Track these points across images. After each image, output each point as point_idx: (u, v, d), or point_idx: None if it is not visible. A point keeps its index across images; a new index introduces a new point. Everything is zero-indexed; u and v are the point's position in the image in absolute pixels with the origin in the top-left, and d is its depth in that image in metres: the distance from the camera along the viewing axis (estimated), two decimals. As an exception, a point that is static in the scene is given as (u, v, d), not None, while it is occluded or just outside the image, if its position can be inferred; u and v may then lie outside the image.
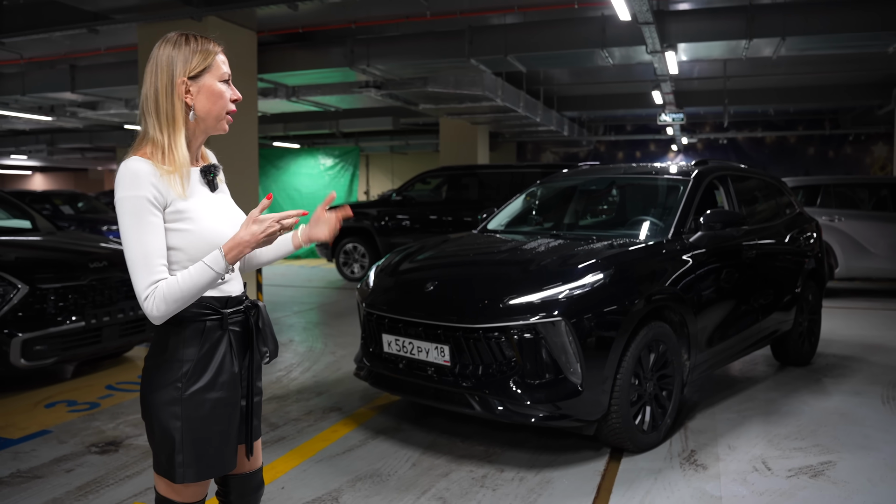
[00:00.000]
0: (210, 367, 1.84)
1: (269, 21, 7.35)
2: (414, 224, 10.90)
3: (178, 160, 1.79)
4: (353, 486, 3.48)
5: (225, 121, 1.90)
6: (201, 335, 1.84)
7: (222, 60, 1.89)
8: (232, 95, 1.90)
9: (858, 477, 3.57)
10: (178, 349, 1.83)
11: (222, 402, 1.86)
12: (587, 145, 22.21)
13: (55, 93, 10.72)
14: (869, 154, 19.97)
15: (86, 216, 14.12)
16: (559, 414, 3.59)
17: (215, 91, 1.85)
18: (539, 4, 7.51)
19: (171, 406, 1.82)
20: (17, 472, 3.67)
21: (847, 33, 6.90)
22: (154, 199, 1.74)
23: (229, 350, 1.87)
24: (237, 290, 1.94)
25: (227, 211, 1.93)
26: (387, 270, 4.43)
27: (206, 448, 1.85)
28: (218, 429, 1.86)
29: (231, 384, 1.88)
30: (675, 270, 4.15)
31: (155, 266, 1.73)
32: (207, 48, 1.86)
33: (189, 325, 1.83)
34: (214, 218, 1.85)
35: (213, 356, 1.84)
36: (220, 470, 1.90)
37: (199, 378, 1.83)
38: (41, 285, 4.97)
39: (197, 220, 1.80)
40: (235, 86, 1.93)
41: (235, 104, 1.91)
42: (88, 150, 22.75)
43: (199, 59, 1.84)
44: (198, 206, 1.83)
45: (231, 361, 1.87)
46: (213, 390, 1.84)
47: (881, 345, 6.61)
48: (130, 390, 5.21)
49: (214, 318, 1.86)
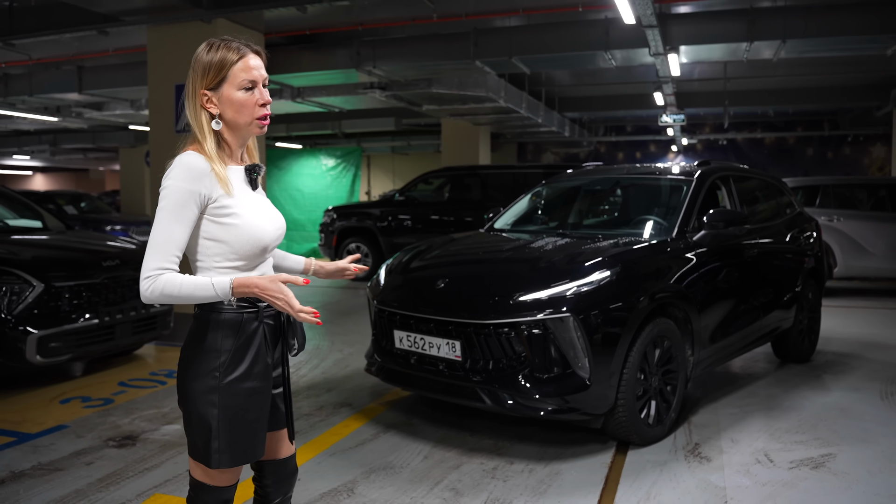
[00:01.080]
0: (246, 357, 1.92)
1: (276, 23, 7.45)
2: (416, 224, 10.99)
3: (215, 159, 1.89)
4: (367, 478, 3.57)
5: (255, 125, 1.94)
6: (238, 327, 1.92)
7: (242, 68, 1.89)
8: (259, 100, 1.92)
9: (858, 468, 3.68)
10: (216, 340, 1.91)
11: (257, 391, 1.94)
12: (587, 146, 22.31)
13: (62, 94, 10.80)
14: (867, 155, 20.09)
15: (89, 216, 14.20)
16: (567, 407, 3.69)
17: (235, 101, 1.89)
18: (543, 7, 7.61)
19: (208, 394, 1.91)
20: (39, 465, 3.76)
21: (846, 36, 7.01)
22: (199, 194, 1.85)
23: (264, 342, 1.95)
24: None
25: (267, 208, 2.02)
26: (398, 268, 4.52)
27: (240, 435, 1.93)
28: (252, 417, 1.94)
29: (264, 374, 1.96)
30: (679, 268, 4.25)
31: (169, 254, 1.82)
32: (225, 58, 1.88)
33: (227, 317, 1.92)
34: (257, 214, 1.94)
35: (249, 347, 1.92)
36: (252, 456, 1.97)
37: (235, 368, 1.91)
38: (56, 283, 5.06)
39: (242, 215, 1.89)
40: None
41: (267, 106, 1.94)
42: (91, 150, 22.83)
43: (214, 72, 1.88)
44: (242, 202, 1.92)
45: (265, 352, 1.96)
46: (248, 380, 1.92)
47: (879, 343, 6.72)
48: (143, 387, 5.31)
49: (251, 312, 1.94)
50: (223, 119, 1.92)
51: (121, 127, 17.18)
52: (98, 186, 32.28)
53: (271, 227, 1.96)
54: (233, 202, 1.89)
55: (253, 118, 1.92)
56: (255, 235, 1.91)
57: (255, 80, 1.91)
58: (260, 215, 1.95)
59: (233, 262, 1.92)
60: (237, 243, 1.90)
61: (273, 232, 1.98)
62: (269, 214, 1.99)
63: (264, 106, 1.92)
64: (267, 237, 1.95)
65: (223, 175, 1.88)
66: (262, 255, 1.98)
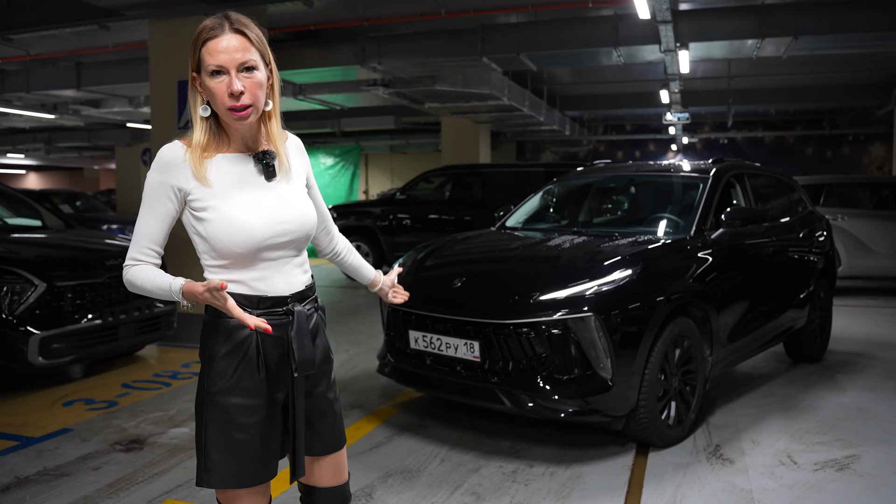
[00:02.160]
0: (230, 369, 1.73)
1: (281, 18, 7.34)
2: (417, 223, 10.89)
3: (198, 149, 1.71)
4: (384, 482, 3.48)
5: (231, 117, 1.67)
6: (228, 334, 1.73)
7: (208, 51, 1.65)
8: (226, 87, 1.65)
9: (884, 470, 3.60)
10: (208, 345, 1.76)
11: (246, 408, 1.73)
12: (587, 144, 22.25)
13: (59, 90, 10.66)
14: (867, 154, 20.08)
15: (85, 215, 14.05)
16: (589, 409, 3.60)
17: (206, 88, 1.67)
18: (553, 3, 7.52)
19: (200, 405, 1.78)
20: (45, 470, 3.65)
21: (857, 33, 6.95)
22: (170, 186, 1.70)
23: (257, 354, 1.74)
24: (279, 290, 1.77)
25: (273, 200, 1.75)
26: (411, 268, 4.43)
27: (228, 455, 1.73)
28: (241, 437, 1.73)
29: (255, 391, 1.74)
30: (698, 267, 4.17)
31: (142, 246, 1.73)
32: (197, 38, 1.68)
33: (218, 322, 1.74)
34: (242, 208, 1.70)
35: (236, 358, 1.73)
36: (248, 481, 1.75)
37: (219, 379, 1.73)
38: (58, 283, 4.96)
39: (218, 209, 1.69)
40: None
41: (239, 97, 1.65)
42: (86, 148, 22.65)
43: (192, 52, 1.69)
44: (224, 193, 1.70)
45: (257, 367, 1.74)
46: (233, 395, 1.73)
47: (889, 342, 6.66)
48: (147, 388, 5.20)
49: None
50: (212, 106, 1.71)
51: (117, 125, 17.02)
52: (93, 185, 32.05)
53: (260, 224, 1.69)
54: (208, 194, 1.69)
55: (224, 108, 1.66)
56: (233, 232, 1.67)
57: (223, 65, 1.64)
58: (246, 209, 1.69)
59: (217, 262, 1.73)
60: (214, 240, 1.69)
61: (265, 229, 1.70)
62: (269, 208, 1.72)
63: (233, 96, 1.64)
64: (253, 235, 1.68)
65: (197, 165, 1.68)
66: (257, 256, 1.72)
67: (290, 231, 1.75)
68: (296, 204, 1.78)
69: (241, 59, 1.65)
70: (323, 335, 1.90)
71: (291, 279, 1.80)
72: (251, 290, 1.74)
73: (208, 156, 1.72)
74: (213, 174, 1.70)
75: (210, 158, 1.72)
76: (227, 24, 1.67)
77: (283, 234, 1.74)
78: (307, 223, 1.80)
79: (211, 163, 1.72)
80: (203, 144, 1.70)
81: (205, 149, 1.71)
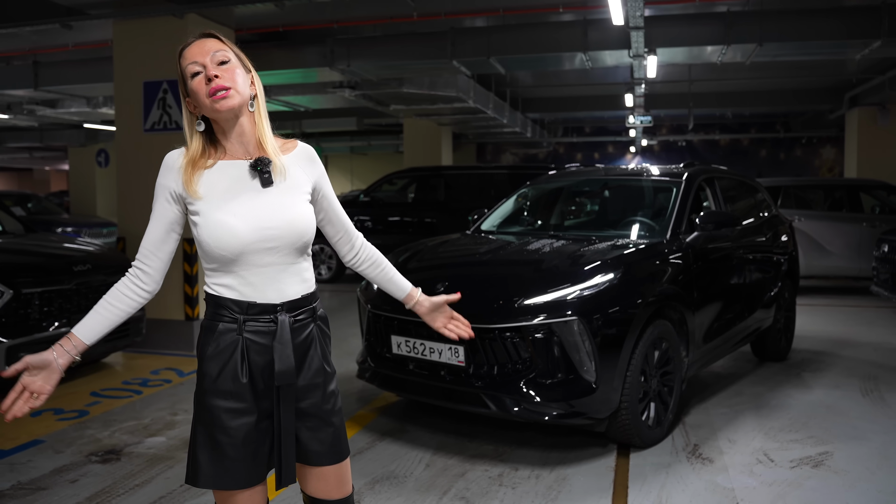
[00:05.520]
0: (215, 370, 1.77)
1: (249, 19, 7.24)
2: (380, 225, 10.85)
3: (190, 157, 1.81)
4: (372, 489, 3.47)
5: (214, 102, 1.74)
6: (215, 335, 1.79)
7: (185, 60, 1.79)
8: (203, 79, 1.76)
9: (857, 466, 3.72)
10: (200, 346, 1.83)
11: (229, 412, 1.76)
12: (547, 146, 22.46)
13: (14, 90, 10.33)
14: (818, 157, 20.71)
15: (37, 217, 13.65)
16: (573, 412, 3.64)
17: (193, 92, 1.78)
18: (524, 7, 7.59)
19: (194, 402, 1.85)
20: (19, 485, 3.55)
21: (818, 41, 7.18)
22: (169, 189, 1.81)
23: (241, 359, 1.77)
24: (268, 298, 1.80)
25: (262, 206, 1.78)
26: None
27: (211, 456, 1.78)
28: (224, 439, 1.76)
29: (239, 395, 1.77)
30: (674, 270, 4.26)
31: (143, 249, 1.84)
32: (178, 60, 1.80)
33: (211, 323, 1.80)
34: (228, 213, 1.75)
35: (221, 360, 1.77)
36: (231, 484, 1.78)
37: (203, 379, 1.79)
38: (25, 290, 4.81)
39: (205, 213, 1.76)
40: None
41: (214, 81, 1.74)
42: (38, 149, 21.99)
43: (179, 75, 1.82)
44: (213, 199, 1.77)
45: (241, 371, 1.76)
46: (216, 396, 1.77)
47: (849, 340, 6.88)
48: (118, 397, 5.08)
49: (227, 321, 1.78)
50: (207, 116, 1.80)
51: (72, 125, 16.56)
52: (43, 187, 31.16)
53: (245, 228, 1.73)
54: (200, 201, 1.76)
55: (207, 97, 1.75)
56: (218, 236, 1.73)
57: (199, 62, 1.76)
58: (233, 214, 1.74)
59: (209, 265, 1.80)
60: (203, 243, 1.76)
61: (249, 233, 1.74)
62: (257, 213, 1.76)
63: (210, 81, 1.74)
64: (236, 238, 1.73)
65: (189, 179, 1.77)
66: (242, 260, 1.76)
67: (276, 237, 1.76)
68: (287, 210, 1.80)
69: (213, 51, 1.77)
70: (318, 346, 1.88)
71: (284, 287, 1.81)
72: (241, 295, 1.77)
73: (210, 164, 1.80)
74: (206, 183, 1.77)
75: (211, 167, 1.80)
76: (200, 34, 1.82)
77: (270, 240, 1.75)
78: (296, 229, 1.79)
79: (211, 171, 1.79)
80: (196, 159, 1.80)
81: (196, 162, 1.80)
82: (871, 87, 12.40)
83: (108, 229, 13.39)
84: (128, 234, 6.58)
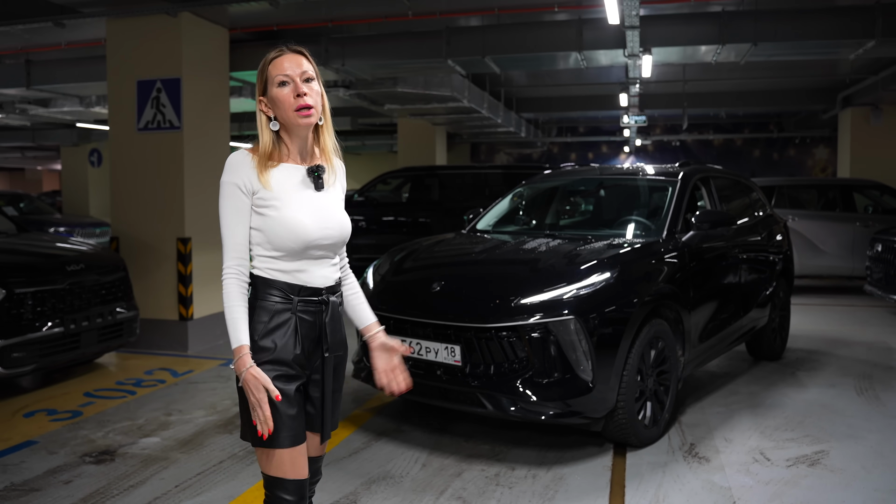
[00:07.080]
0: (270, 343, 1.97)
1: (243, 18, 7.19)
2: (374, 225, 10.81)
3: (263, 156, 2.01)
4: (368, 489, 3.45)
5: (296, 117, 1.99)
6: (271, 313, 2.00)
7: (275, 67, 2.00)
8: (292, 92, 1.98)
9: (853, 464, 3.73)
10: (253, 322, 1.99)
11: (283, 377, 1.97)
12: (541, 146, 22.45)
13: (6, 89, 10.25)
14: (811, 156, 20.77)
15: (30, 217, 13.57)
16: (569, 411, 3.64)
17: (274, 98, 2.00)
18: (519, 6, 7.57)
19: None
20: (12, 486, 3.52)
21: (812, 41, 7.19)
22: (242, 185, 1.98)
23: (294, 334, 2.00)
24: (316, 283, 2.04)
25: (321, 208, 2.03)
26: (388, 271, 4.41)
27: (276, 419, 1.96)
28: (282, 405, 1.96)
29: (291, 364, 1.99)
30: (671, 268, 4.26)
31: (230, 250, 1.99)
32: (264, 63, 2.02)
33: (264, 302, 2.01)
34: (300, 210, 1.99)
35: (276, 334, 1.98)
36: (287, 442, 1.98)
37: (259, 350, 1.97)
38: (18, 290, 4.78)
39: (280, 208, 1.97)
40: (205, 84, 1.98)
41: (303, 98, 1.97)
42: (29, 148, 21.85)
43: (259, 76, 2.03)
44: (284, 196, 1.99)
45: (294, 344, 2.00)
46: (270, 364, 1.96)
47: (843, 339, 6.90)
48: (111, 397, 5.05)
49: (282, 302, 2.00)
50: (279, 120, 2.02)
51: (65, 124, 16.45)
52: (35, 187, 31.00)
53: (314, 226, 1.99)
54: (272, 195, 1.98)
55: (291, 110, 1.98)
56: (291, 229, 1.97)
57: (289, 76, 1.97)
58: (303, 211, 1.99)
59: (270, 252, 2.00)
60: (273, 234, 1.98)
61: (316, 231, 1.99)
62: (319, 214, 2.02)
63: (300, 97, 1.97)
64: (307, 234, 1.98)
65: (264, 170, 1.99)
66: (305, 252, 2.00)
67: (332, 235, 2.04)
68: (338, 213, 2.08)
69: (302, 69, 1.99)
70: (342, 323, 2.16)
71: (327, 274, 2.08)
72: (295, 280, 2.02)
73: (273, 164, 2.02)
74: (275, 179, 2.00)
75: (275, 167, 2.02)
76: (287, 48, 2.03)
77: (328, 238, 2.03)
78: (345, 231, 2.09)
79: (276, 170, 2.02)
80: (268, 153, 2.01)
81: (269, 157, 2.01)
82: (864, 88, 12.45)
83: (100, 229, 13.32)
84: (121, 233, 6.53)
